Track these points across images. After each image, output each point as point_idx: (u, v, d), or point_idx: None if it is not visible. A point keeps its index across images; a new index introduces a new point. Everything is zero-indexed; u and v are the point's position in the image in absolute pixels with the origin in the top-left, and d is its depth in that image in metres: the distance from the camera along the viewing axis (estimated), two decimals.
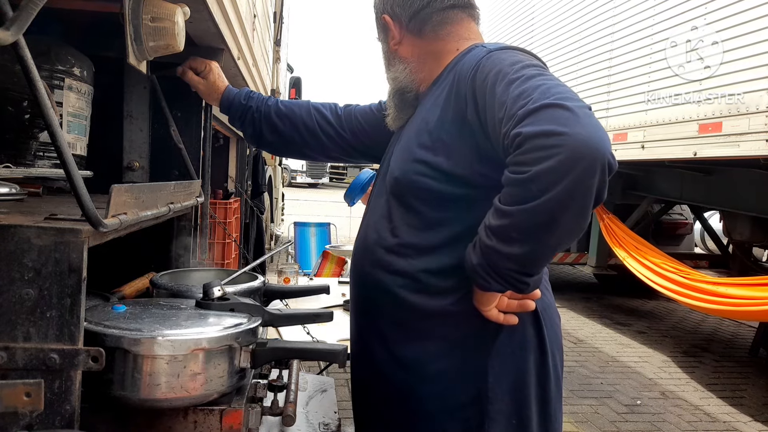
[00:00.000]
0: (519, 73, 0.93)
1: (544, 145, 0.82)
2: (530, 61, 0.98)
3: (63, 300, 0.69)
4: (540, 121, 0.83)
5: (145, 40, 0.99)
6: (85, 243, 0.70)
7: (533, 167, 0.83)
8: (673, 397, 3.77)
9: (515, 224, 0.88)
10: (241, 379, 0.99)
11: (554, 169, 0.81)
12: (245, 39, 1.95)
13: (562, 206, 0.84)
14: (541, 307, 1.08)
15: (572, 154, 0.81)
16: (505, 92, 0.92)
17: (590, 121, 0.83)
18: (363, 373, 1.23)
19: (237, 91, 1.47)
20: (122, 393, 0.86)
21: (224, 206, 3.16)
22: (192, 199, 1.38)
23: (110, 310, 0.99)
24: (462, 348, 1.06)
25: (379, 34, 1.28)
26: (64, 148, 0.69)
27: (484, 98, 0.98)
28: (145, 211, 0.92)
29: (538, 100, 0.85)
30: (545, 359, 1.09)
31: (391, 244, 1.12)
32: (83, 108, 1.19)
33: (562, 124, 0.82)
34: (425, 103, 1.17)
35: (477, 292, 1.02)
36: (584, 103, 0.86)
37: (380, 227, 1.15)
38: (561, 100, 0.84)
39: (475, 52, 1.09)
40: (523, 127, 0.85)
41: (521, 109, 0.86)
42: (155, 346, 0.87)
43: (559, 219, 0.85)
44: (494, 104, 0.94)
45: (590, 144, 0.81)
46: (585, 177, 0.81)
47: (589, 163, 0.81)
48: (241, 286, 1.27)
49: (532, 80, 0.91)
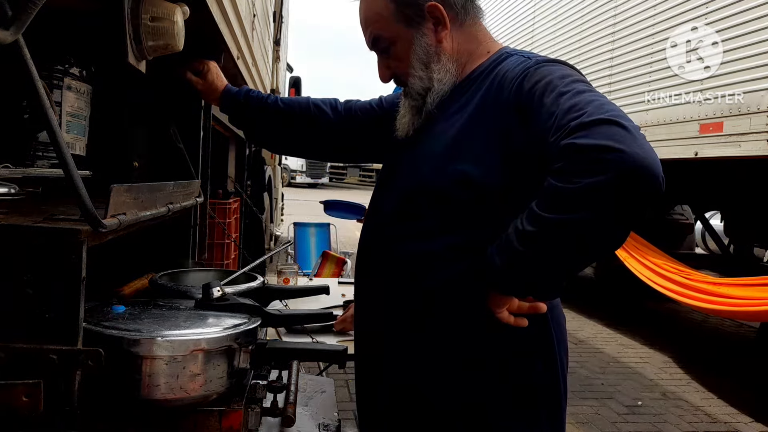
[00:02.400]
0: (569, 86, 0.92)
1: (599, 159, 0.80)
2: (579, 77, 0.97)
3: (62, 300, 0.69)
4: (596, 136, 0.82)
5: (144, 39, 0.99)
6: (84, 243, 0.70)
7: (584, 179, 0.81)
8: (674, 398, 3.77)
9: (552, 234, 0.86)
10: (241, 379, 0.99)
11: (606, 185, 0.80)
12: (245, 38, 1.95)
13: (606, 223, 0.82)
14: (549, 309, 1.07)
15: (627, 172, 0.79)
16: (555, 103, 0.90)
17: (645, 143, 0.82)
18: (368, 373, 1.22)
19: (236, 90, 1.46)
20: (121, 394, 0.86)
21: (224, 206, 3.15)
22: (191, 199, 1.38)
23: (109, 310, 0.99)
24: (468, 351, 1.06)
25: (411, 23, 1.11)
26: (63, 148, 0.69)
27: (530, 107, 0.95)
28: (145, 211, 0.92)
29: (593, 114, 0.84)
30: (553, 361, 1.08)
31: (404, 251, 1.09)
32: (82, 108, 1.19)
33: (619, 141, 0.80)
34: (452, 106, 1.11)
35: (492, 294, 1.00)
36: (636, 125, 0.85)
37: (392, 233, 1.12)
38: (616, 118, 0.83)
39: (514, 60, 1.05)
40: (577, 138, 0.83)
41: (574, 121, 0.84)
42: (154, 347, 0.87)
43: (599, 236, 0.84)
44: (541, 114, 0.92)
45: (646, 165, 0.79)
46: (636, 197, 0.80)
47: (644, 184, 0.79)
48: (240, 287, 1.27)
49: (584, 95, 0.89)
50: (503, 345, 1.05)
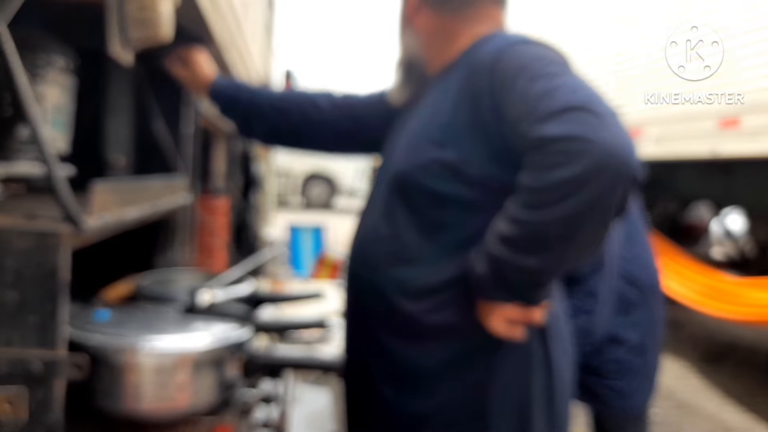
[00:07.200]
0: (543, 69, 0.92)
1: (566, 150, 0.81)
2: (555, 58, 0.97)
3: (45, 304, 0.70)
4: (563, 124, 0.82)
5: (130, 30, 1.00)
6: (67, 244, 0.71)
7: (553, 173, 0.82)
8: (690, 407, 3.78)
9: (528, 234, 0.87)
10: (232, 390, 1.00)
11: (576, 178, 0.80)
12: (237, 28, 1.96)
13: (581, 218, 0.83)
14: (548, 318, 1.05)
15: (597, 162, 0.80)
16: (527, 89, 0.90)
17: (616, 127, 0.82)
18: (356, 384, 1.22)
19: (226, 82, 1.46)
20: (106, 403, 0.87)
21: (213, 205, 3.16)
22: (178, 197, 1.39)
23: (94, 315, 1.00)
24: (460, 362, 1.05)
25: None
26: (45, 145, 0.70)
27: (503, 93, 0.96)
28: (129, 210, 0.93)
29: (562, 101, 0.84)
30: (552, 375, 1.07)
31: (390, 248, 1.10)
32: (67, 102, 1.20)
33: (588, 130, 0.81)
34: (435, 91, 1.14)
35: (480, 302, 1.00)
36: (610, 107, 0.85)
37: (379, 228, 1.13)
38: (587, 103, 0.83)
39: (494, 42, 1.05)
40: (545, 128, 0.84)
41: (544, 109, 0.85)
42: (141, 355, 0.87)
43: (577, 231, 0.85)
44: (514, 100, 0.93)
45: (616, 153, 0.80)
46: (608, 188, 0.81)
47: (614, 174, 0.80)
48: (230, 291, 1.28)
49: (557, 78, 0.89)
50: (496, 358, 1.04)
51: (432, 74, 1.19)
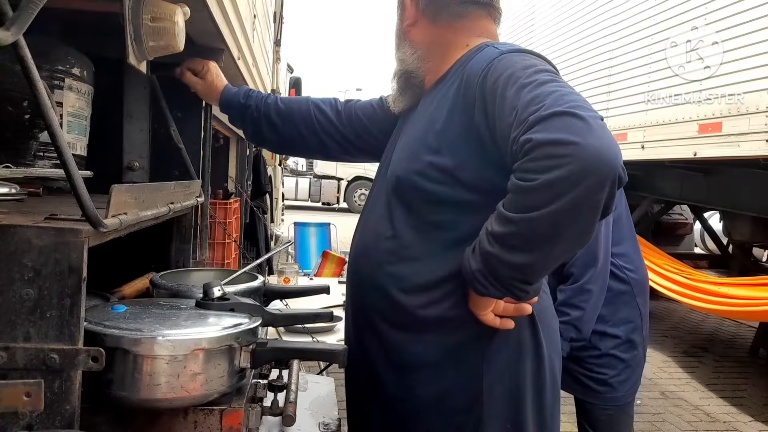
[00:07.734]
0: (532, 77, 0.91)
1: (554, 154, 0.81)
2: (543, 66, 0.96)
3: (63, 300, 0.69)
4: (551, 129, 0.82)
5: (145, 40, 0.99)
6: (85, 243, 0.70)
7: (542, 176, 0.81)
8: (673, 397, 3.77)
9: (518, 232, 0.87)
10: (241, 379, 0.99)
11: (563, 180, 0.80)
12: (245, 39, 1.95)
13: (568, 218, 0.82)
14: (537, 311, 1.07)
15: (583, 165, 0.79)
16: (516, 96, 0.90)
17: (603, 132, 0.82)
18: (358, 376, 1.22)
19: (236, 90, 1.46)
20: (122, 393, 0.86)
21: (224, 206, 3.16)
22: (192, 199, 1.38)
23: (110, 310, 0.99)
24: (457, 352, 1.05)
25: (397, 10, 1.25)
26: (64, 148, 0.69)
27: (493, 101, 0.96)
28: (146, 211, 0.92)
29: (550, 107, 0.84)
30: (541, 364, 1.08)
31: (390, 246, 1.10)
32: (83, 108, 1.19)
33: (575, 134, 0.80)
34: (431, 99, 1.14)
35: (473, 297, 1.01)
36: (597, 113, 0.85)
37: (379, 228, 1.14)
38: (574, 109, 0.83)
39: (486, 52, 1.05)
40: (534, 133, 0.83)
41: (532, 115, 0.84)
42: (155, 346, 0.86)
43: (564, 231, 0.84)
44: (504, 108, 0.92)
45: (602, 156, 0.79)
46: (594, 190, 0.80)
47: (601, 176, 0.79)
48: (240, 286, 1.27)
49: (545, 86, 0.89)
50: (490, 348, 1.04)
51: (428, 84, 1.20)
